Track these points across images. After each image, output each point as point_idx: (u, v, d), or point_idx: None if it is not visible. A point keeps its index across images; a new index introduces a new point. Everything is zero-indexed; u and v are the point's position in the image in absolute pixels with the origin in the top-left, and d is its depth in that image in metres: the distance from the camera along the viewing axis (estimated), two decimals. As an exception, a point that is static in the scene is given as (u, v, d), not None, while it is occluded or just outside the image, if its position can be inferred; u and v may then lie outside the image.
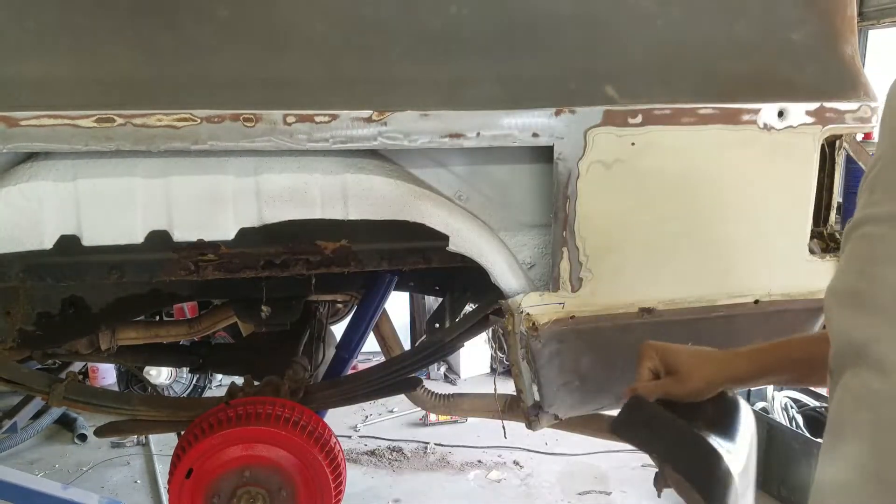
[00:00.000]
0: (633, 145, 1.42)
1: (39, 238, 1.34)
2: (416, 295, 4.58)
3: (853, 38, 1.52)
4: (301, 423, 1.75)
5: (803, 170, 1.51)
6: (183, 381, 4.15)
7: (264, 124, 1.31)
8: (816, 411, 3.38)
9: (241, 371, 2.35)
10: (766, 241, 1.55)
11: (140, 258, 1.54)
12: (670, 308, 1.53)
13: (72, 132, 1.26)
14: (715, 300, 1.56)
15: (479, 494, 3.49)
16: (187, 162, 1.37)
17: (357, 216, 1.43)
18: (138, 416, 1.99)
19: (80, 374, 2.45)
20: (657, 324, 1.53)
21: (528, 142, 1.40)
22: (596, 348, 1.55)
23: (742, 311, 1.57)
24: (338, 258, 1.60)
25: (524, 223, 1.54)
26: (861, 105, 1.50)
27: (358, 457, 3.78)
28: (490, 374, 4.84)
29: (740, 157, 1.47)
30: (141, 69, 1.32)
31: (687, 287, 1.54)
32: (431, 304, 4.65)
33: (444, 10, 1.39)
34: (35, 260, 1.51)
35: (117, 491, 3.46)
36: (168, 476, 1.77)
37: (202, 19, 1.34)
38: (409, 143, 1.36)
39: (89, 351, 2.10)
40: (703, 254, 1.53)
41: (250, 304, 2.01)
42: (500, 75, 1.40)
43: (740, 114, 1.45)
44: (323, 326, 2.66)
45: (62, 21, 1.31)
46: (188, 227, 1.39)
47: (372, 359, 4.14)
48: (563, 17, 1.43)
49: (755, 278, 1.57)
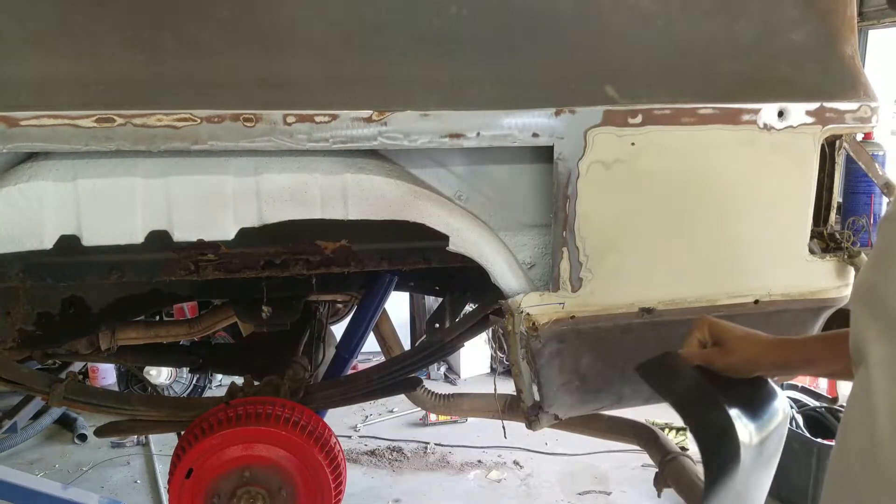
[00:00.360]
0: (633, 145, 1.42)
1: (39, 238, 1.34)
2: (416, 295, 4.58)
3: (853, 38, 1.52)
4: (301, 423, 1.75)
5: (803, 170, 1.51)
6: (183, 381, 4.15)
7: (264, 124, 1.31)
8: (816, 411, 3.38)
9: (241, 371, 2.35)
10: (766, 241, 1.55)
11: (140, 258, 1.54)
12: (670, 308, 1.54)
13: (72, 132, 1.26)
14: (715, 300, 1.56)
15: (479, 494, 3.49)
16: (187, 162, 1.37)
17: (357, 216, 1.43)
18: (138, 416, 1.99)
19: (80, 374, 2.45)
20: (657, 324, 1.53)
21: (528, 142, 1.40)
22: (596, 348, 1.55)
23: (742, 310, 1.57)
24: (338, 258, 1.60)
25: (524, 223, 1.54)
26: (861, 105, 1.50)
27: (358, 457, 3.78)
28: (490, 374, 4.84)
29: (740, 157, 1.47)
30: (141, 69, 1.32)
31: (687, 287, 1.54)
32: (431, 304, 4.65)
33: (444, 10, 1.39)
34: (35, 260, 1.51)
35: (117, 491, 3.46)
36: (168, 476, 1.77)
37: (202, 19, 1.34)
38: (409, 143, 1.36)
39: (89, 351, 2.10)
40: (703, 254, 1.53)
41: (250, 304, 2.02)
42: (500, 75, 1.40)
43: (740, 114, 1.45)
44: (323, 326, 2.66)
45: (62, 21, 1.31)
46: (188, 227, 1.39)
47: (372, 359, 4.14)
48: (563, 17, 1.43)
49: (755, 278, 1.57)
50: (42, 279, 1.56)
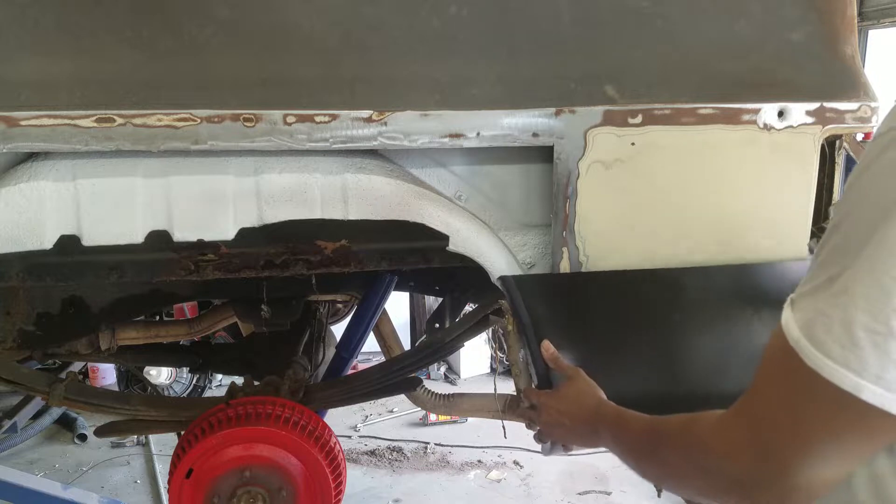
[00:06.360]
0: (633, 145, 1.42)
1: (39, 238, 1.34)
2: (416, 295, 4.57)
3: (853, 38, 1.52)
4: (301, 423, 1.75)
5: (803, 170, 1.51)
6: (183, 381, 4.15)
7: (264, 124, 1.31)
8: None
9: (241, 371, 2.35)
10: (767, 242, 1.55)
11: (140, 258, 1.53)
12: (670, 308, 1.53)
13: (72, 132, 1.26)
14: (715, 300, 1.56)
15: (479, 494, 3.49)
16: (187, 162, 1.37)
17: (357, 216, 1.43)
18: (138, 416, 1.99)
19: (80, 374, 2.45)
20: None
21: (528, 142, 1.40)
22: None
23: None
24: (338, 258, 1.60)
25: (524, 223, 1.54)
26: (861, 105, 1.50)
27: (358, 457, 3.78)
28: (490, 374, 4.84)
29: (740, 158, 1.47)
30: (141, 69, 1.32)
31: (687, 287, 1.54)
32: (431, 304, 4.65)
33: (444, 10, 1.39)
34: (35, 260, 1.51)
35: (117, 491, 3.46)
36: (168, 476, 1.77)
37: (202, 19, 1.34)
38: (409, 143, 1.36)
39: (89, 351, 2.10)
40: (703, 253, 1.53)
41: (250, 304, 2.02)
42: (500, 75, 1.40)
43: (740, 114, 1.45)
44: (323, 326, 2.66)
45: (62, 21, 1.31)
46: (188, 227, 1.39)
47: (372, 359, 4.14)
48: (562, 18, 1.43)
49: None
50: (42, 279, 1.55)
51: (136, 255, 1.51)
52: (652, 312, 1.50)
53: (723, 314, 1.51)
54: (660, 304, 1.49)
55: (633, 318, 1.51)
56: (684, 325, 1.51)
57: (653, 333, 1.51)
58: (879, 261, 0.63)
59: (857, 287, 0.64)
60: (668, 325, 1.51)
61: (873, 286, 0.63)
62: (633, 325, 1.51)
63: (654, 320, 1.51)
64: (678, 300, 1.49)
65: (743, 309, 1.50)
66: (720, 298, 1.51)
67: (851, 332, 0.64)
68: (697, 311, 1.51)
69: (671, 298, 1.48)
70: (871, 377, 0.63)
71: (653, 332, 1.51)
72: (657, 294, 1.48)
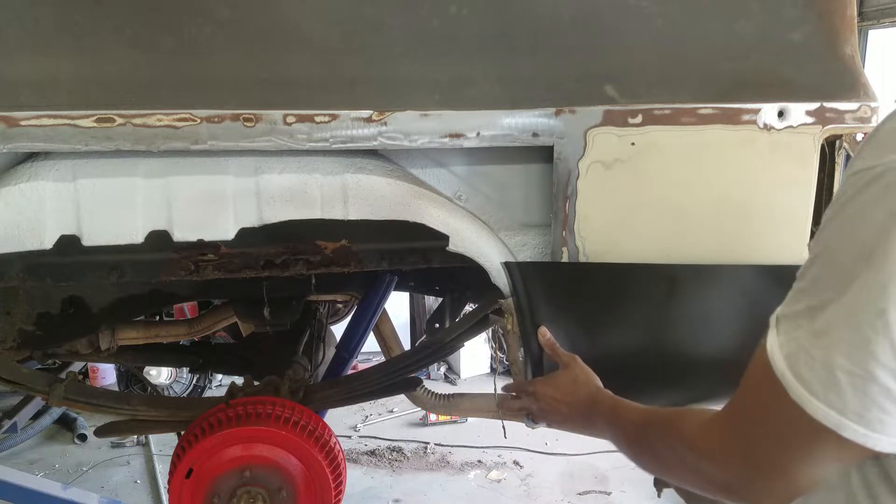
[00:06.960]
0: (633, 145, 1.42)
1: (39, 238, 1.34)
2: (416, 295, 4.57)
3: (853, 38, 1.52)
4: (301, 423, 1.75)
5: (803, 170, 1.51)
6: (183, 381, 4.15)
7: (264, 124, 1.31)
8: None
9: (241, 371, 2.35)
10: (766, 242, 1.55)
11: (140, 258, 1.53)
12: (670, 308, 1.53)
13: (72, 132, 1.26)
14: (715, 300, 1.56)
15: (479, 494, 3.49)
16: (187, 162, 1.37)
17: (357, 216, 1.43)
18: (138, 416, 1.99)
19: (80, 374, 2.45)
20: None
21: (528, 142, 1.40)
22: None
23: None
24: (338, 258, 1.60)
25: (524, 223, 1.54)
26: (861, 105, 1.50)
27: (358, 457, 3.78)
28: (490, 374, 4.84)
29: (740, 157, 1.47)
30: (141, 69, 1.32)
31: (687, 287, 1.54)
32: (431, 304, 4.65)
33: (444, 10, 1.39)
34: (35, 260, 1.51)
35: (117, 491, 3.46)
36: (168, 476, 1.77)
37: (202, 19, 1.34)
38: (409, 143, 1.36)
39: (89, 351, 2.10)
40: (703, 253, 1.53)
41: (250, 304, 2.01)
42: (500, 75, 1.40)
43: (740, 114, 1.45)
44: (323, 326, 2.66)
45: (62, 21, 1.31)
46: (188, 227, 1.39)
47: (372, 359, 4.14)
48: (562, 17, 1.43)
49: (755, 278, 1.57)
50: (42, 279, 1.56)
51: (136, 255, 1.51)
52: (652, 305, 1.50)
53: (723, 314, 1.51)
54: (661, 297, 1.49)
55: (634, 310, 1.51)
56: (682, 319, 1.51)
57: (652, 324, 1.51)
58: (859, 308, 0.64)
59: (837, 331, 0.66)
60: (667, 317, 1.51)
61: (854, 333, 0.64)
62: (633, 316, 1.52)
63: (654, 312, 1.51)
64: (677, 293, 1.49)
65: (742, 308, 1.50)
66: (720, 298, 1.51)
67: (833, 373, 0.66)
68: (696, 306, 1.51)
69: (671, 291, 1.48)
70: (852, 416, 0.65)
71: (652, 323, 1.51)
72: (658, 286, 1.49)
